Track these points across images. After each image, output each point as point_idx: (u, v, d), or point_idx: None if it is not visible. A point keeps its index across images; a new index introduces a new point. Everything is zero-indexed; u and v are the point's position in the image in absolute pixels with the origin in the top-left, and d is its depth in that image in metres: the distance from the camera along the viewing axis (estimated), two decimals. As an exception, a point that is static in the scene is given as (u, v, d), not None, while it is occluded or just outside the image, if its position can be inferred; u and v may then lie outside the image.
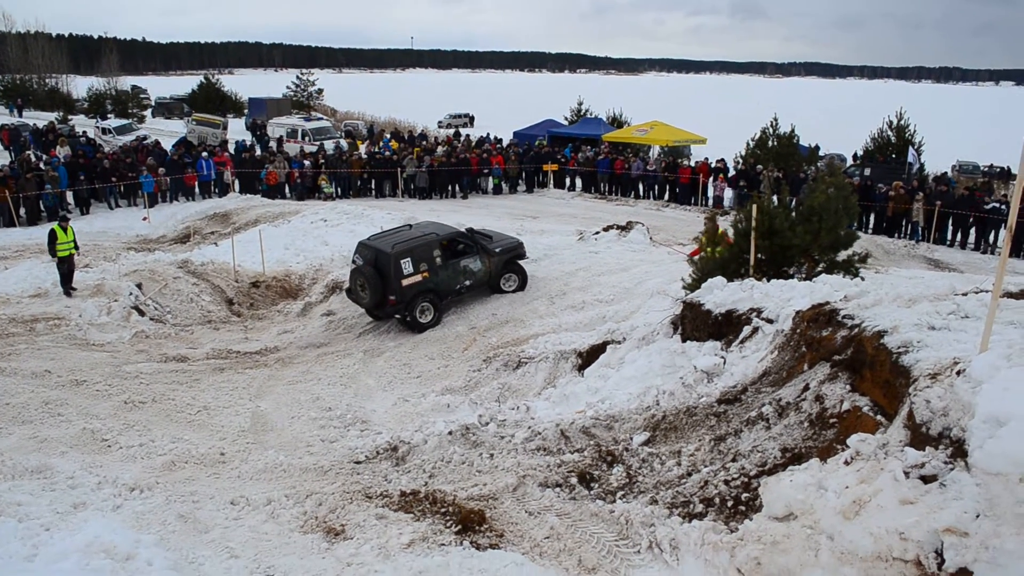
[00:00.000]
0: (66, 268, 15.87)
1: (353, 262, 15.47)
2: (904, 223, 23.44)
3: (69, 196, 26.09)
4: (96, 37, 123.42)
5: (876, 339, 6.51)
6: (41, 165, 26.88)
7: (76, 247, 16.39)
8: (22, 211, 24.07)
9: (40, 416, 10.40)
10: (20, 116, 51.81)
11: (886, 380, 6.14)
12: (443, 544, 6.52)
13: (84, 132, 39.49)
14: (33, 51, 64.98)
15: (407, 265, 14.67)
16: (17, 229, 23.17)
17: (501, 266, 15.87)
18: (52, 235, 15.81)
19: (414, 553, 6.36)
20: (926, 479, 4.66)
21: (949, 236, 22.83)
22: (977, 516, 4.25)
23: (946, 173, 30.03)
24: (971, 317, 6.55)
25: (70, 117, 49.73)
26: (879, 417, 6.05)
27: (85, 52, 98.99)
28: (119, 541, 6.04)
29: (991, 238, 22.09)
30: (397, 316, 14.88)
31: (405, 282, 14.60)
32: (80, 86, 66.29)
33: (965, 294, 7.46)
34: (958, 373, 5.18)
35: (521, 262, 16.12)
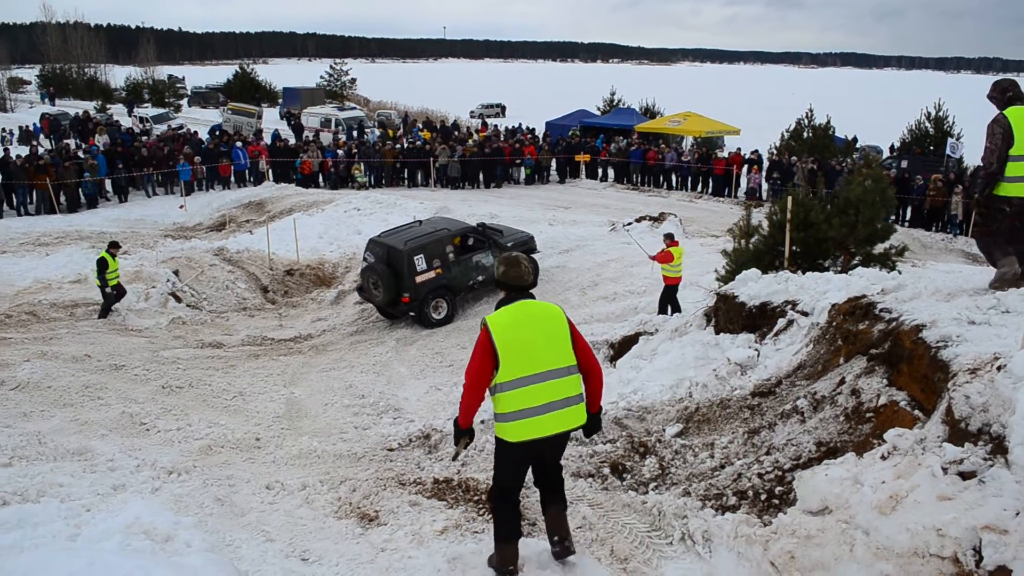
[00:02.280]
0: (115, 295, 14.51)
1: (364, 260, 15.37)
2: (942, 216, 23.07)
3: (108, 184, 26.59)
4: (134, 27, 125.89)
5: (914, 333, 6.42)
6: (80, 153, 27.37)
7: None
8: (62, 198, 24.55)
9: (80, 399, 10.61)
10: (53, 104, 52.66)
11: (924, 375, 6.06)
12: (476, 532, 6.54)
13: (118, 121, 40.04)
14: (72, 41, 66.15)
15: (420, 262, 14.62)
16: (57, 216, 23.70)
17: None
18: (103, 263, 14.14)
19: (448, 540, 6.39)
20: (964, 475, 4.60)
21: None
22: (1017, 514, 4.18)
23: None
24: (1012, 312, 6.43)
25: (108, 106, 50.41)
26: (916, 412, 5.97)
27: (123, 42, 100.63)
28: (159, 523, 6.12)
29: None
30: (411, 314, 14.85)
31: (419, 279, 14.57)
32: (118, 75, 67.14)
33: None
34: (999, 368, 5.10)
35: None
